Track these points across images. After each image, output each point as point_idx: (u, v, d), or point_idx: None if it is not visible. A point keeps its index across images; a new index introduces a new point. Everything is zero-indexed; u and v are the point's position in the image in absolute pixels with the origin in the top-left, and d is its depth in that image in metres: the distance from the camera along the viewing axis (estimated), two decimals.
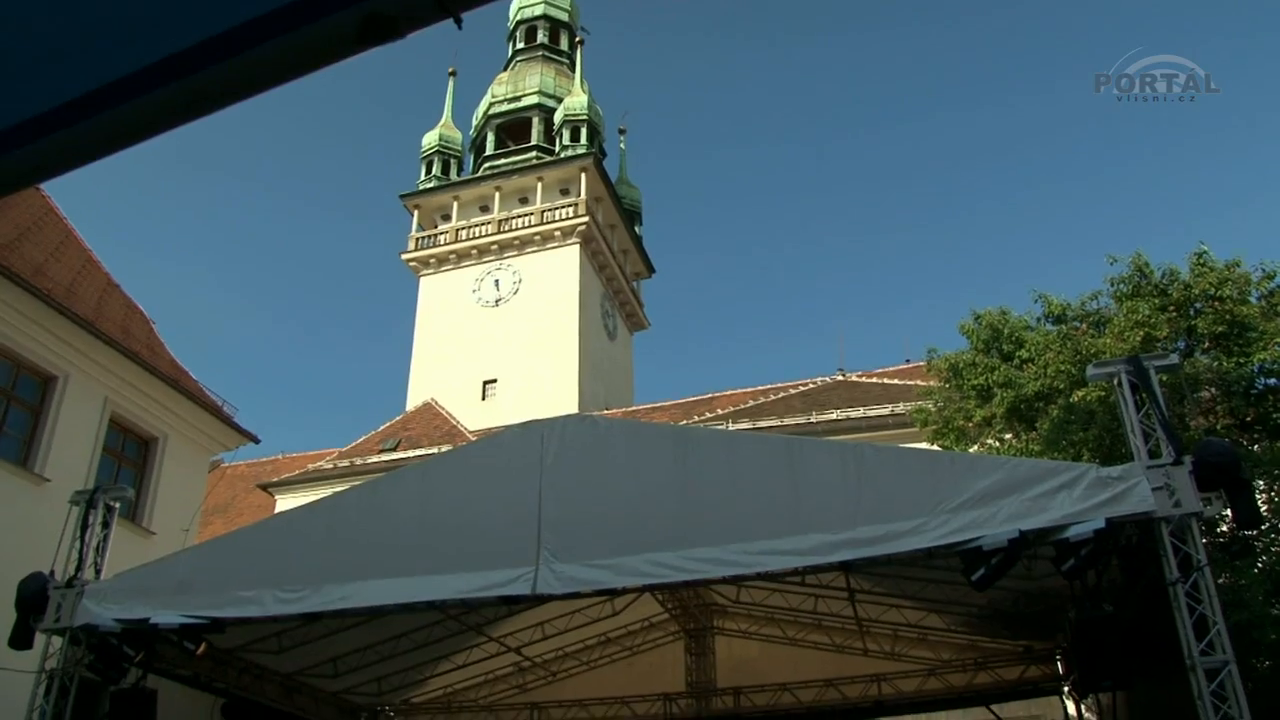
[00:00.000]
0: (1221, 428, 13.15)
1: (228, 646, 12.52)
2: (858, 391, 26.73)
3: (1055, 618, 12.51)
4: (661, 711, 16.36)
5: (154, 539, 17.52)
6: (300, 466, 32.57)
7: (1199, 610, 8.30)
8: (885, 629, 15.01)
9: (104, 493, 11.63)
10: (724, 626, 16.36)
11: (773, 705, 15.86)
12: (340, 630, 12.84)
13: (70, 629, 10.61)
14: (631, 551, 9.42)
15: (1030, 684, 15.00)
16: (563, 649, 16.33)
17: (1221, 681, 8.12)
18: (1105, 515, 8.39)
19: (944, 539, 8.76)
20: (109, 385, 17.80)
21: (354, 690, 15.58)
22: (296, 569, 10.32)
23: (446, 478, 10.69)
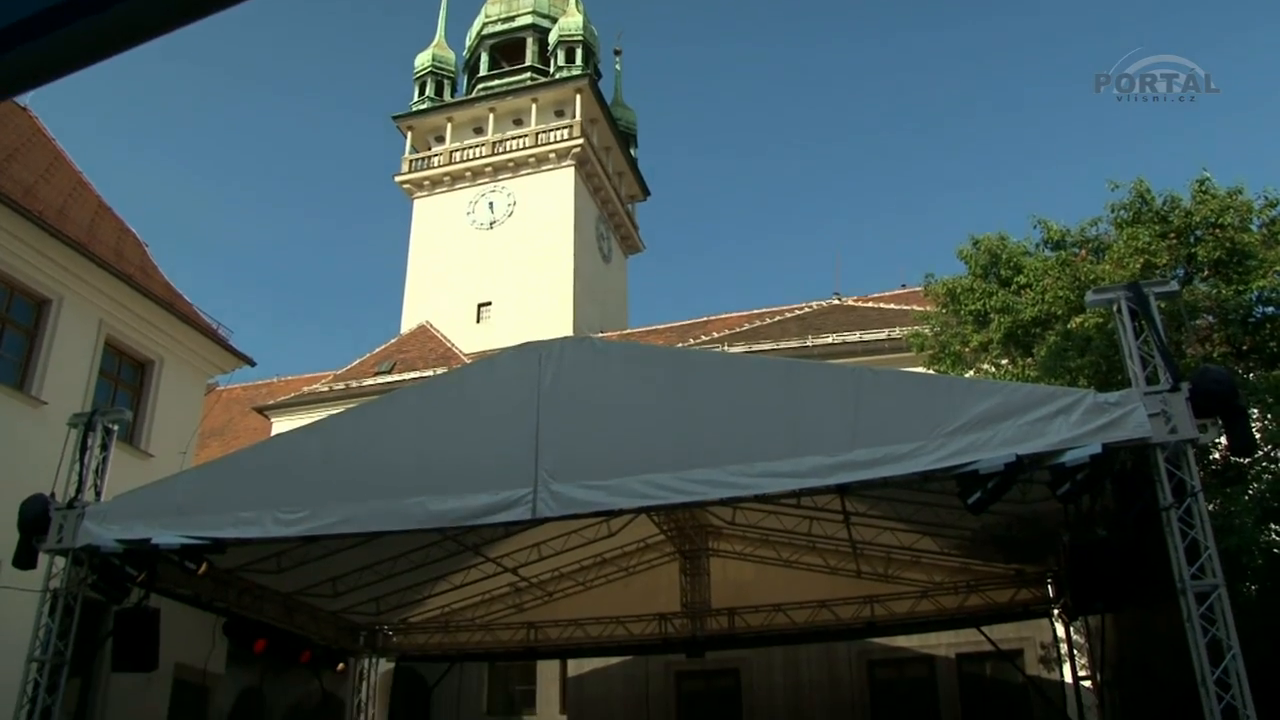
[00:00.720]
0: (1218, 356, 13.17)
1: (228, 566, 12.63)
2: (854, 316, 26.71)
3: (1047, 542, 12.65)
4: (657, 631, 16.57)
5: (152, 461, 17.57)
6: (296, 389, 32.60)
7: (1191, 535, 8.40)
8: (879, 551, 15.17)
9: (102, 415, 11.62)
10: (719, 548, 16.51)
11: (766, 626, 16.07)
12: (339, 551, 12.95)
13: (72, 549, 10.69)
14: (629, 473, 9.46)
15: (1021, 606, 15.22)
16: (559, 570, 16.49)
17: (1211, 605, 8.24)
18: (1101, 441, 8.44)
19: (940, 463, 8.80)
20: (103, 308, 17.71)
21: (353, 610, 15.77)
22: (295, 491, 10.36)
23: (444, 399, 10.69)
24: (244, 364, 21.18)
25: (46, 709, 10.53)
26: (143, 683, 14.44)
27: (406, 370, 30.64)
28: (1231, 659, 8.09)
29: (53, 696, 10.59)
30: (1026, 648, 17.21)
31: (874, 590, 15.63)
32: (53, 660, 10.64)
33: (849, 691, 17.62)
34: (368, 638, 17.12)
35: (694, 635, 16.30)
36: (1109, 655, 13.02)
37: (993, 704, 18.26)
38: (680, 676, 19.07)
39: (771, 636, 16.35)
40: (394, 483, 10.07)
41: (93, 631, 13.02)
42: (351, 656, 16.84)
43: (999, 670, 17.71)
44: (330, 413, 15.88)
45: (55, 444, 11.44)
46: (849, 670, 17.76)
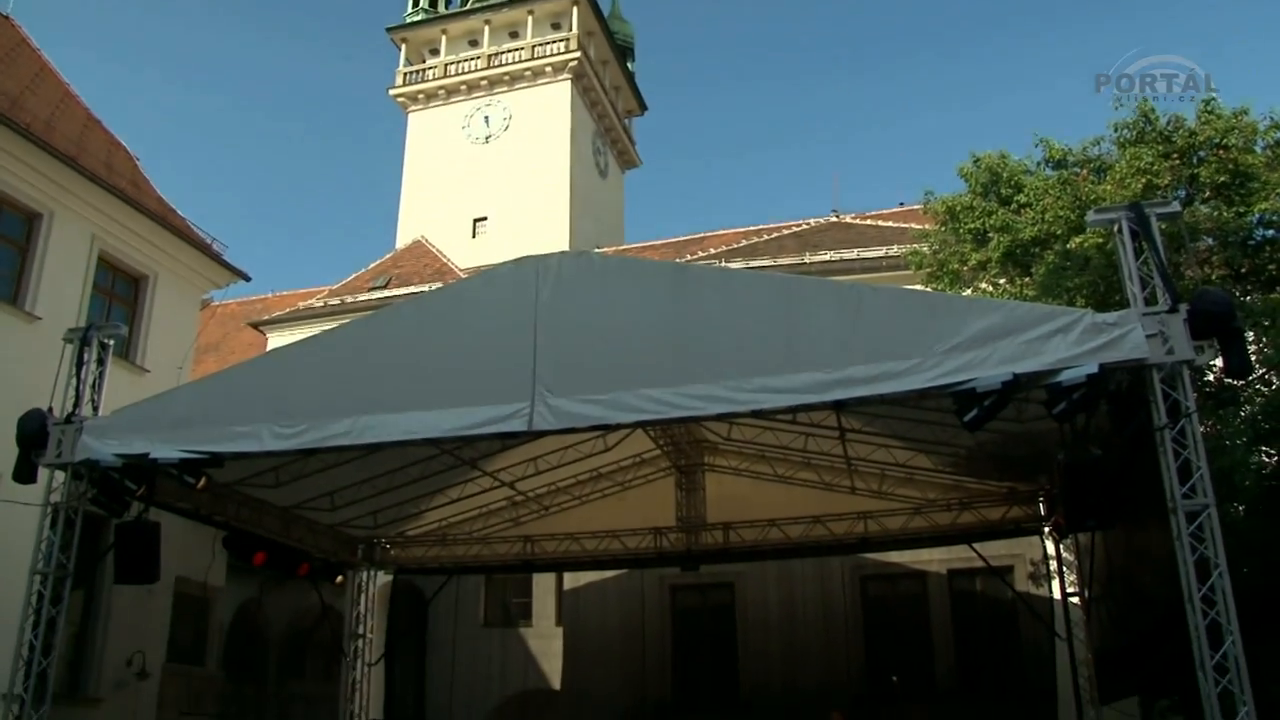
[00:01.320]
0: (1216, 278, 13.15)
1: (226, 481, 12.69)
2: (852, 233, 26.59)
3: (1041, 460, 12.73)
4: (652, 545, 16.73)
5: (148, 376, 17.57)
6: (291, 305, 32.52)
7: (1183, 455, 8.45)
8: (873, 468, 15.27)
9: (97, 330, 11.57)
10: (714, 463, 16.60)
11: (761, 540, 16.23)
12: (336, 465, 12.99)
13: (71, 464, 10.72)
14: (626, 387, 9.46)
15: (1012, 524, 15.36)
16: (555, 484, 16.58)
17: (1200, 524, 8.34)
18: (1098, 361, 8.45)
19: (938, 380, 8.81)
20: (95, 222, 17.56)
21: (351, 523, 15.89)
22: (292, 404, 10.35)
23: (442, 313, 10.65)
24: (239, 279, 21.09)
25: (51, 620, 10.66)
26: (144, 595, 14.60)
27: (402, 285, 30.54)
28: (1218, 577, 8.20)
29: (57, 608, 10.72)
30: (1017, 564, 17.45)
31: (868, 506, 15.75)
32: (55, 573, 10.75)
33: (842, 606, 17.90)
34: (365, 551, 17.29)
35: (689, 549, 16.47)
36: (1097, 572, 13.20)
37: (982, 619, 18.59)
38: (675, 590, 19.36)
39: (766, 551, 16.51)
40: (391, 396, 10.07)
41: (94, 545, 13.15)
42: (350, 569, 17.02)
43: (989, 586, 17.98)
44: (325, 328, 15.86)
45: (51, 359, 11.42)
46: (842, 585, 18.03)
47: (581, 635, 19.62)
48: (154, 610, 15.61)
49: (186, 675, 17.02)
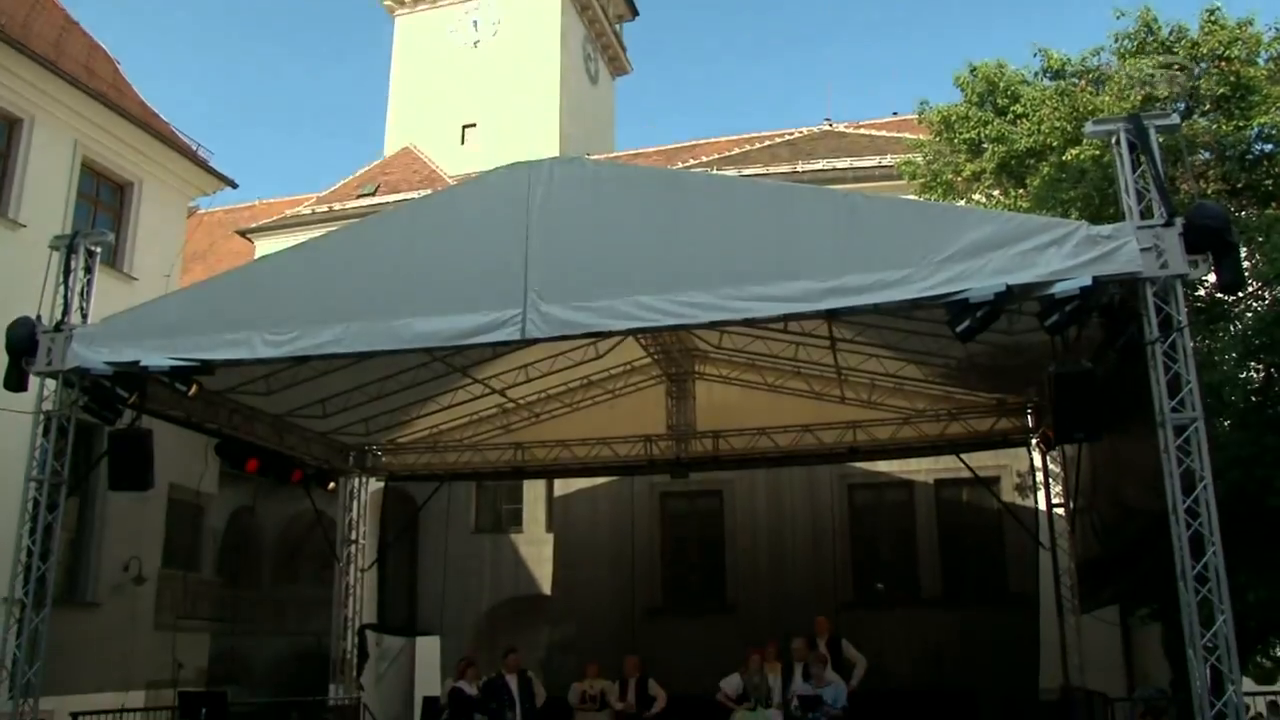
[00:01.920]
0: (1212, 193, 13.09)
1: (218, 389, 12.71)
2: (845, 142, 26.33)
3: (1030, 372, 12.80)
4: (642, 452, 16.87)
5: (136, 285, 17.48)
6: (278, 212, 32.20)
7: (1174, 369, 8.51)
8: (863, 378, 15.35)
9: (84, 237, 11.46)
10: (705, 371, 16.66)
11: (750, 448, 16.37)
12: (328, 372, 13.00)
13: (62, 372, 10.73)
14: (618, 294, 9.44)
15: (1000, 435, 15.53)
16: (546, 391, 16.65)
17: (1188, 437, 8.43)
18: (1092, 273, 8.44)
19: (931, 290, 8.81)
20: (77, 128, 17.29)
21: (342, 430, 15.97)
22: (283, 312, 10.31)
23: (433, 219, 10.57)
24: (225, 186, 20.88)
25: (48, 526, 10.78)
26: (139, 502, 14.70)
27: (390, 192, 30.24)
28: (1203, 490, 8.32)
29: (53, 514, 10.82)
30: (1003, 475, 17.65)
31: (857, 416, 15.87)
32: (51, 480, 10.82)
33: (829, 513, 18.09)
34: (357, 458, 17.41)
35: (679, 457, 16.60)
36: (1082, 484, 13.37)
37: (968, 528, 18.85)
38: (664, 497, 19.54)
39: (755, 459, 16.67)
40: (383, 303, 10.04)
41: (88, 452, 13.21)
42: (342, 476, 17.16)
43: (975, 496, 18.20)
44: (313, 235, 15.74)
45: (36, 267, 11.34)
46: (830, 493, 18.20)
47: (572, 541, 19.85)
48: (149, 517, 15.73)
49: (182, 580, 17.22)
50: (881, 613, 17.87)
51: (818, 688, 10.84)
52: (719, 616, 18.24)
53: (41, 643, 10.59)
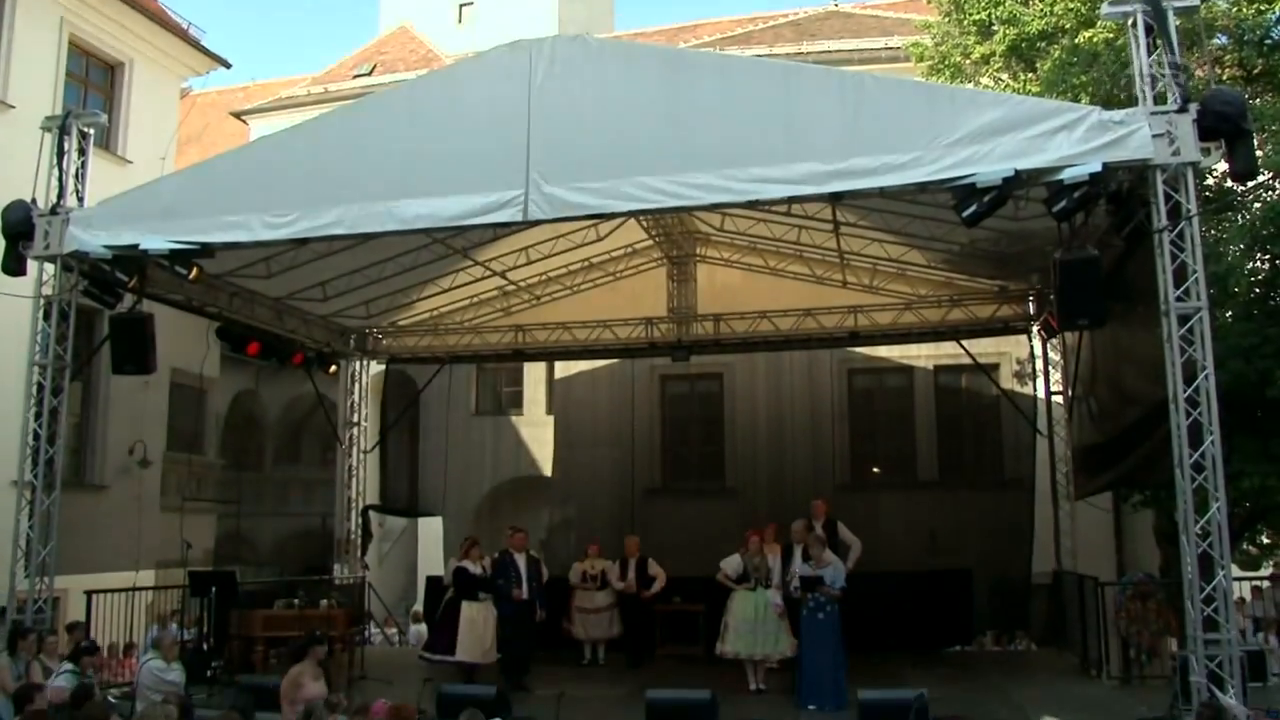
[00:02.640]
0: (1228, 79, 12.83)
1: (218, 272, 12.63)
2: (851, 23, 25.78)
3: (1034, 259, 12.73)
4: (643, 335, 16.85)
5: (131, 167, 17.26)
6: (272, 93, 31.68)
7: (1180, 258, 8.47)
8: (865, 262, 15.26)
9: (75, 118, 11.28)
10: (707, 255, 16.54)
11: (751, 332, 16.34)
12: (328, 255, 12.90)
13: (60, 256, 10.67)
14: (621, 175, 9.36)
15: (1001, 322, 15.52)
16: (546, 273, 16.55)
17: (1191, 327, 8.43)
18: (1102, 160, 8.35)
19: (938, 174, 8.73)
20: (63, 4, 16.87)
21: (343, 313, 15.94)
22: (282, 194, 10.23)
23: (432, 99, 10.38)
24: (218, 66, 20.46)
25: (54, 410, 10.86)
26: (141, 386, 14.81)
27: (387, 72, 29.73)
28: (1204, 379, 8.36)
29: (58, 398, 10.90)
30: (1003, 362, 17.72)
31: (858, 301, 15.82)
32: (54, 364, 10.86)
33: (829, 397, 18.17)
34: (358, 341, 17.41)
35: (680, 340, 16.59)
36: (1081, 372, 13.41)
37: (966, 414, 18.99)
38: (665, 380, 19.62)
39: (755, 343, 16.65)
40: (383, 184, 9.95)
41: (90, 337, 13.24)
42: (342, 359, 17.18)
43: (974, 383, 18.27)
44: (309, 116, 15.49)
45: (27, 149, 11.18)
46: (830, 377, 18.25)
47: (572, 423, 19.99)
48: (152, 401, 15.86)
49: (186, 463, 17.44)
50: (879, 496, 18.11)
51: (817, 569, 10.99)
52: (718, 498, 18.47)
53: (53, 524, 10.79)
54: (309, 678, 7.68)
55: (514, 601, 12.39)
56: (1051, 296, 12.70)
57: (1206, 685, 8.09)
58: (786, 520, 12.36)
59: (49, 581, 10.83)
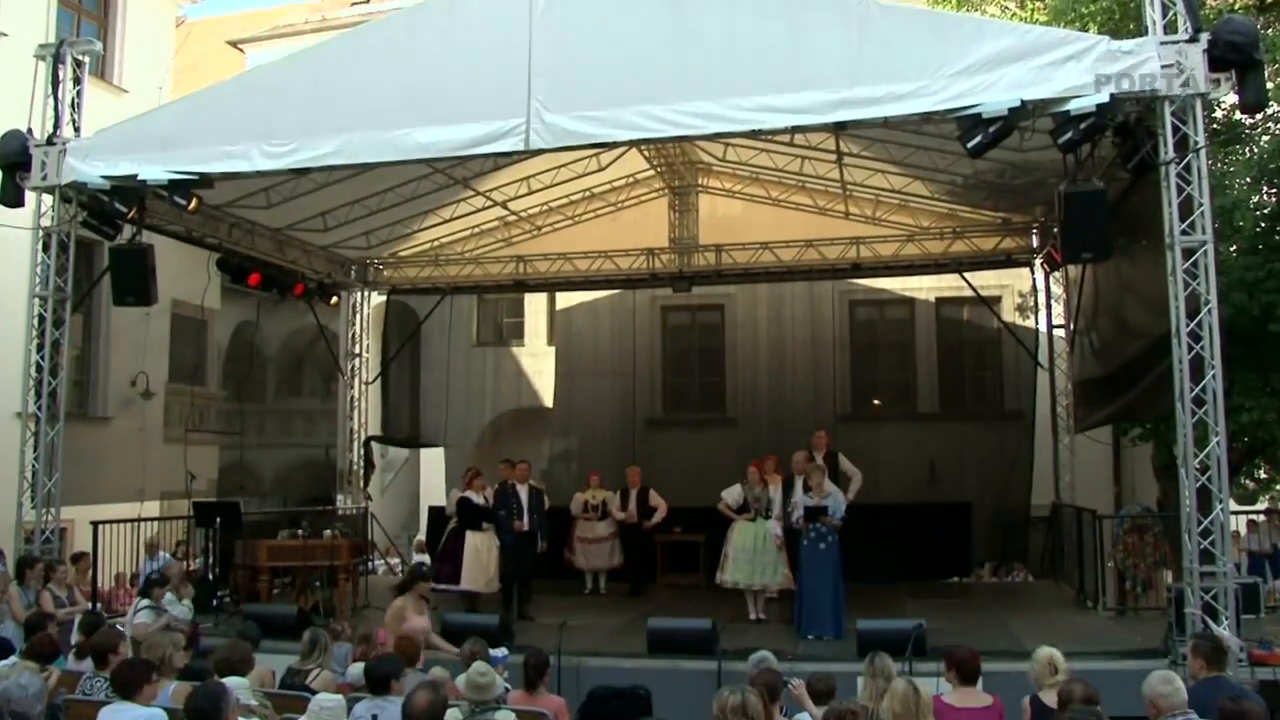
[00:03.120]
0: (1240, 8, 12.60)
1: (217, 202, 12.56)
2: None
3: (1038, 191, 12.65)
4: (644, 266, 16.79)
5: (127, 98, 17.03)
6: (270, 22, 31.19)
7: (1187, 191, 8.41)
8: (868, 194, 15.17)
9: (70, 46, 11.16)
10: (708, 185, 16.44)
11: (753, 263, 16.28)
12: (328, 185, 12.83)
13: (58, 187, 10.60)
14: (623, 104, 9.29)
15: (1004, 254, 15.45)
16: (547, 203, 16.47)
17: (1196, 260, 8.39)
18: (1111, 91, 8.25)
19: (944, 104, 8.65)
20: None
21: (343, 244, 15.89)
22: (281, 123, 10.15)
23: (433, 26, 10.20)
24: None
25: (55, 342, 10.87)
26: (142, 318, 14.78)
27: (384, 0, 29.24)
28: (1207, 313, 8.35)
29: (59, 330, 10.91)
30: (1005, 295, 17.66)
31: (861, 232, 15.75)
32: (54, 296, 10.85)
33: (830, 328, 18.12)
34: (359, 271, 17.37)
35: (681, 270, 16.54)
36: (1084, 305, 13.38)
37: (967, 347, 19.00)
38: (666, 310, 19.58)
39: (757, 274, 16.60)
40: (383, 114, 9.87)
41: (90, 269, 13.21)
42: (343, 290, 17.17)
43: (976, 315, 18.24)
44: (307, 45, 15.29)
45: (21, 79, 11.04)
46: (831, 308, 18.19)
47: (573, 354, 19.99)
48: (153, 333, 15.84)
49: (189, 394, 17.45)
50: (878, 427, 18.17)
51: (818, 500, 11.06)
52: (719, 429, 18.53)
53: (57, 455, 10.87)
54: (412, 611, 7.83)
55: (515, 532, 12.48)
56: (1055, 229, 12.66)
57: (1201, 617, 8.19)
58: (787, 451, 12.41)
59: (55, 512, 10.93)
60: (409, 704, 5.27)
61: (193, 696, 4.85)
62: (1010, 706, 6.42)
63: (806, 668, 7.72)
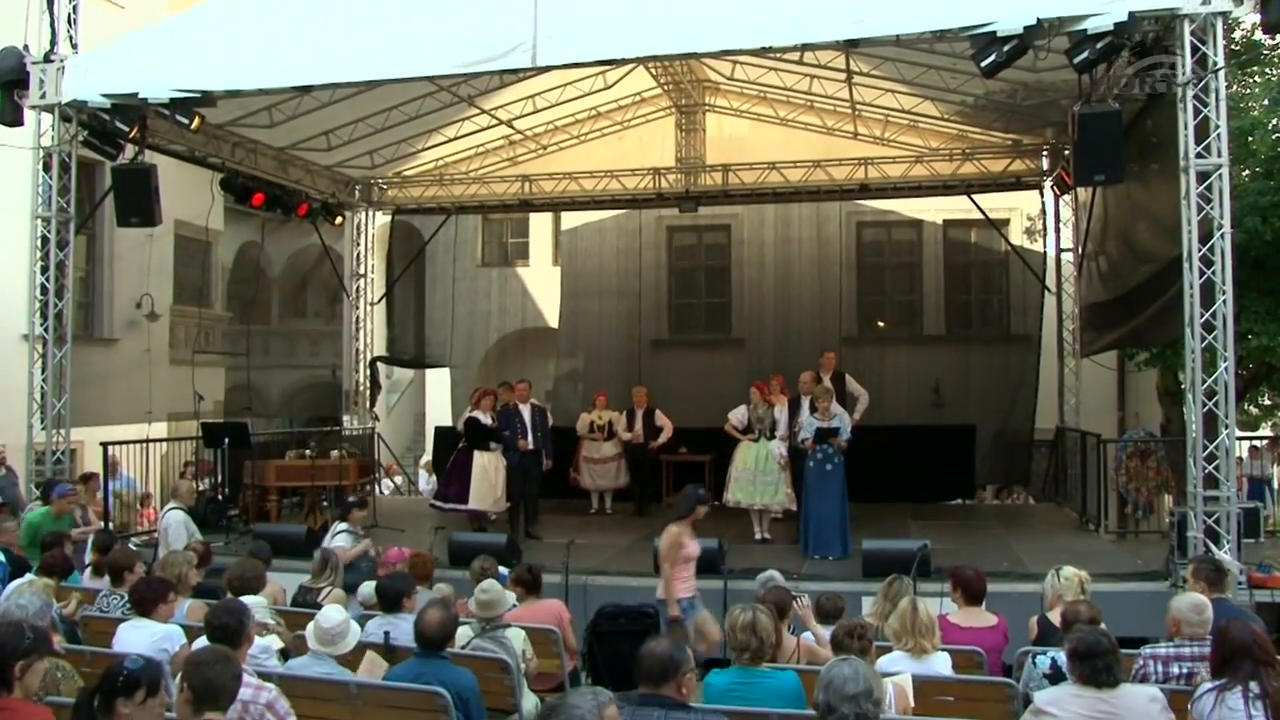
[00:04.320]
0: None
1: (220, 121, 12.44)
2: None
3: (1050, 112, 12.50)
4: (650, 185, 16.62)
5: (124, 13, 16.69)
6: None
7: (1203, 113, 8.28)
8: (877, 114, 14.98)
9: None
10: (715, 104, 16.23)
11: (760, 183, 16.11)
12: (332, 103, 12.67)
13: (58, 105, 10.47)
14: (632, 19, 9.14)
15: (1013, 177, 15.28)
16: (553, 122, 16.29)
17: (1210, 184, 8.30)
18: (1129, 9, 8.08)
19: (957, 21, 8.50)
20: None
21: (347, 163, 15.76)
22: (285, 38, 9.99)
23: None
24: None
25: (60, 264, 10.82)
26: (146, 240, 14.72)
27: None
28: (1220, 238, 8.28)
29: (64, 251, 10.85)
30: (1013, 218, 17.52)
31: (869, 152, 15.56)
32: (57, 217, 10.77)
33: (837, 249, 18.02)
34: (363, 191, 17.24)
35: (688, 190, 16.39)
36: (1093, 229, 13.28)
37: (974, 270, 18.90)
38: (672, 231, 19.45)
39: (764, 194, 16.44)
40: (388, 28, 9.69)
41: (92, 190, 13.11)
42: (348, 210, 17.05)
43: (984, 238, 18.12)
44: None
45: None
46: (839, 230, 18.07)
47: (578, 274, 19.87)
48: (157, 254, 15.76)
49: (194, 316, 17.47)
50: (884, 349, 18.16)
51: (823, 420, 11.08)
52: (725, 349, 18.53)
53: (66, 377, 10.89)
54: (688, 537, 7.89)
55: (520, 451, 12.53)
56: (1067, 151, 12.51)
57: (1203, 541, 8.26)
58: (792, 372, 12.42)
59: (65, 434, 10.99)
60: (420, 621, 5.35)
61: (216, 613, 4.91)
62: (1015, 626, 6.51)
63: (813, 587, 7.83)
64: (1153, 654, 5.48)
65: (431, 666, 5.27)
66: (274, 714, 4.51)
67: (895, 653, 5.53)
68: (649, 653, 4.04)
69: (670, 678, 3.98)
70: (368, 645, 5.88)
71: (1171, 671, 5.39)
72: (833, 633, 5.67)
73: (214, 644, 4.51)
